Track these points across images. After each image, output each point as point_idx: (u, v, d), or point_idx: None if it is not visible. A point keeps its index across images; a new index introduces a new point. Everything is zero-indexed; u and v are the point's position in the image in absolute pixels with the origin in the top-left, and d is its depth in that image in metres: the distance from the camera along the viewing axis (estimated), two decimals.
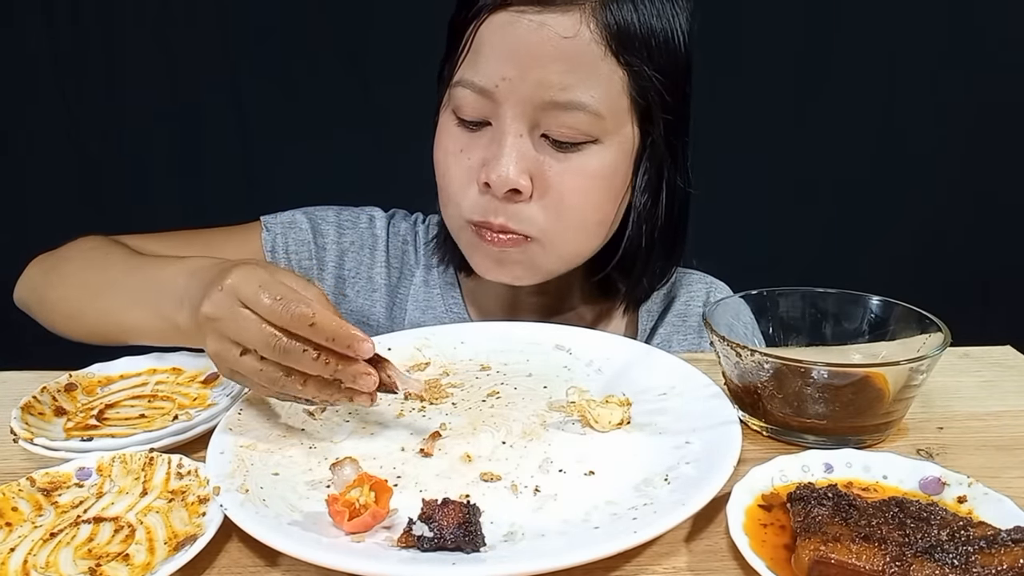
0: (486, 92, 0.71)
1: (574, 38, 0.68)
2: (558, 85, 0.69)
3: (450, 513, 0.45)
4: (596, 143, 0.72)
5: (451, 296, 0.89)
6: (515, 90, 0.69)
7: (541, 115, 0.70)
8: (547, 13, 0.68)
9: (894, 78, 1.71)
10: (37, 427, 0.60)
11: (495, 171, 0.70)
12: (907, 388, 0.58)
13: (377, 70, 1.62)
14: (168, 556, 0.45)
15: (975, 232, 1.78)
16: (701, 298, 0.91)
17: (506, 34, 0.69)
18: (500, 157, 0.70)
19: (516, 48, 0.69)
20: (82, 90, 1.69)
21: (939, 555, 0.41)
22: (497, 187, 0.71)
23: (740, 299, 0.68)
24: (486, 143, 0.73)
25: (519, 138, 0.71)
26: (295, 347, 0.52)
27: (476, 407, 0.64)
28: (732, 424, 0.56)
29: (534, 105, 0.70)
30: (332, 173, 1.58)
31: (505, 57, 0.69)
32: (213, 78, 1.68)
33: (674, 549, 0.48)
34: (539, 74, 0.69)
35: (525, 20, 0.68)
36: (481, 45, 0.71)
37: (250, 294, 0.53)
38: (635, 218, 0.79)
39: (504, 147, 0.71)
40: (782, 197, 1.72)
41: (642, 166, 0.77)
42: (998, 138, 1.73)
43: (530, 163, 0.71)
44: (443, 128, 0.76)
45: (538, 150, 0.72)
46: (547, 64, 0.69)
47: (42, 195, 1.74)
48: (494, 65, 0.70)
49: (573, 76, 0.69)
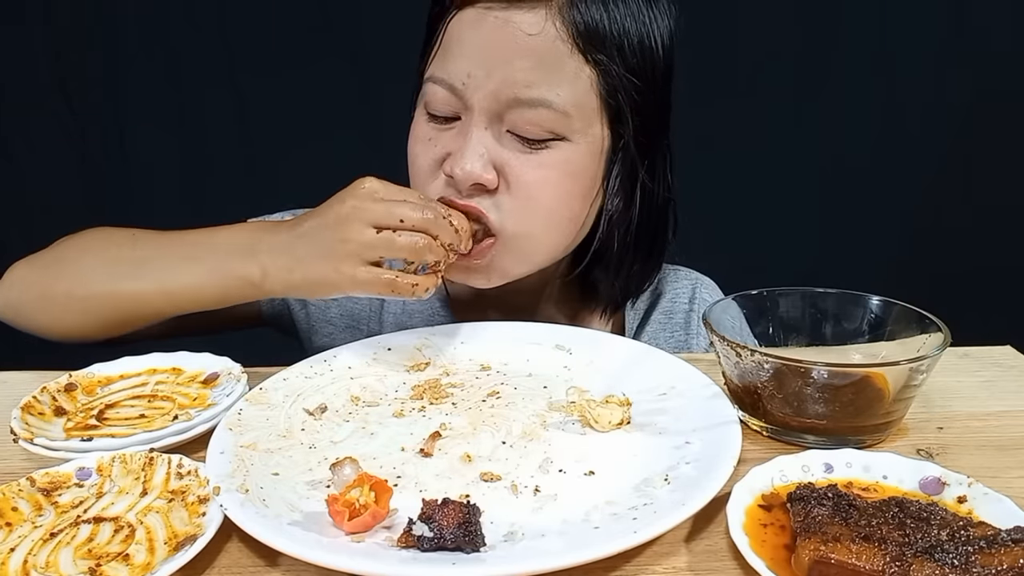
0: (454, 89, 0.71)
1: (539, 35, 0.68)
2: (523, 82, 0.69)
3: (450, 513, 0.45)
4: (564, 140, 0.72)
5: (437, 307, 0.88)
6: (481, 87, 0.70)
7: (507, 111, 0.70)
8: (513, 10, 0.68)
9: (895, 78, 1.71)
10: (37, 427, 0.60)
11: (459, 164, 0.70)
12: (907, 388, 0.58)
13: (378, 69, 1.62)
14: (168, 556, 0.45)
15: (975, 232, 1.78)
16: (687, 294, 0.90)
17: (473, 31, 0.70)
18: (464, 150, 0.70)
19: (482, 45, 0.69)
20: (84, 89, 1.69)
21: (939, 555, 0.41)
22: (461, 181, 0.70)
23: (731, 300, 0.68)
24: (453, 136, 0.73)
25: (483, 132, 0.71)
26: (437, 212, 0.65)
27: (476, 407, 0.64)
28: (732, 424, 0.56)
29: (500, 101, 0.70)
30: (332, 173, 1.58)
31: (471, 54, 0.70)
32: (213, 77, 1.68)
33: (674, 549, 0.48)
34: (504, 71, 0.69)
35: (491, 17, 0.69)
36: (450, 41, 0.72)
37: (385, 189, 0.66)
38: (606, 219, 0.78)
39: (469, 141, 0.70)
40: (782, 197, 1.72)
41: (614, 168, 0.76)
42: (998, 138, 1.74)
43: (495, 157, 0.71)
44: (416, 121, 0.77)
45: (503, 146, 0.71)
46: (512, 61, 0.69)
47: (42, 194, 1.74)
48: (461, 62, 0.70)
49: (538, 73, 0.69)
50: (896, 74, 1.70)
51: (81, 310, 0.75)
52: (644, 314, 0.89)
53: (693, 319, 0.89)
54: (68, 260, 0.78)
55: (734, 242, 1.70)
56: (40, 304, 0.78)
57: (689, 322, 0.89)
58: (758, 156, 1.70)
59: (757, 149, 1.70)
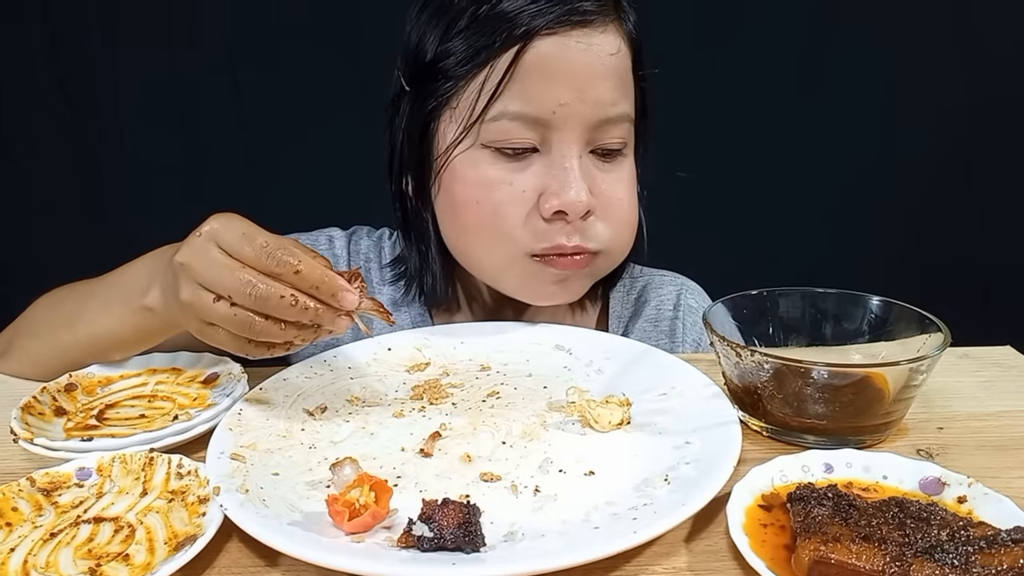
0: (540, 120, 0.70)
1: (617, 54, 0.71)
2: (610, 101, 0.71)
3: (450, 513, 0.45)
4: (625, 148, 0.75)
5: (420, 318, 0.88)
6: (574, 113, 0.69)
7: (595, 133, 0.71)
8: (592, 34, 0.69)
9: (895, 77, 1.71)
10: (37, 427, 0.60)
11: (566, 196, 0.69)
12: (907, 388, 0.58)
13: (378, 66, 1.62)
14: (168, 556, 0.45)
15: (975, 232, 1.78)
16: (671, 301, 0.90)
17: (557, 60, 0.69)
18: (570, 183, 0.69)
19: (570, 71, 0.69)
20: (84, 89, 1.69)
21: (939, 555, 0.41)
22: (574, 212, 0.70)
23: (720, 304, 0.67)
24: (539, 170, 0.71)
25: (579, 160, 0.71)
26: (272, 293, 0.53)
27: (476, 407, 0.64)
28: (732, 424, 0.56)
29: (590, 125, 0.71)
30: (332, 172, 1.58)
31: (560, 82, 0.69)
32: (213, 77, 1.68)
33: (674, 549, 0.48)
34: (595, 94, 0.70)
35: (573, 43, 0.69)
36: (525, 75, 0.69)
37: (232, 240, 0.54)
38: None
39: (570, 172, 0.70)
40: (782, 197, 1.72)
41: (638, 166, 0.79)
42: (999, 138, 1.73)
43: (589, 181, 0.72)
44: (474, 163, 0.72)
45: (590, 167, 0.73)
46: (600, 83, 0.70)
47: (42, 194, 1.74)
48: (550, 91, 0.69)
49: (619, 90, 0.72)
50: (896, 73, 1.70)
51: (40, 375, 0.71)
52: (628, 322, 0.89)
53: (678, 326, 0.89)
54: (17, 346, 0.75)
55: (734, 242, 1.70)
56: None
57: (674, 329, 0.89)
58: (758, 156, 1.70)
59: (757, 149, 1.70)
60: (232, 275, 0.54)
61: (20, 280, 0.81)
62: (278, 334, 0.55)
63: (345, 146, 1.60)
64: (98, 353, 0.69)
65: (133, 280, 0.67)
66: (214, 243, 0.55)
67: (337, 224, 0.93)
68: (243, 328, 0.55)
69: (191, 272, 0.56)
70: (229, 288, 0.54)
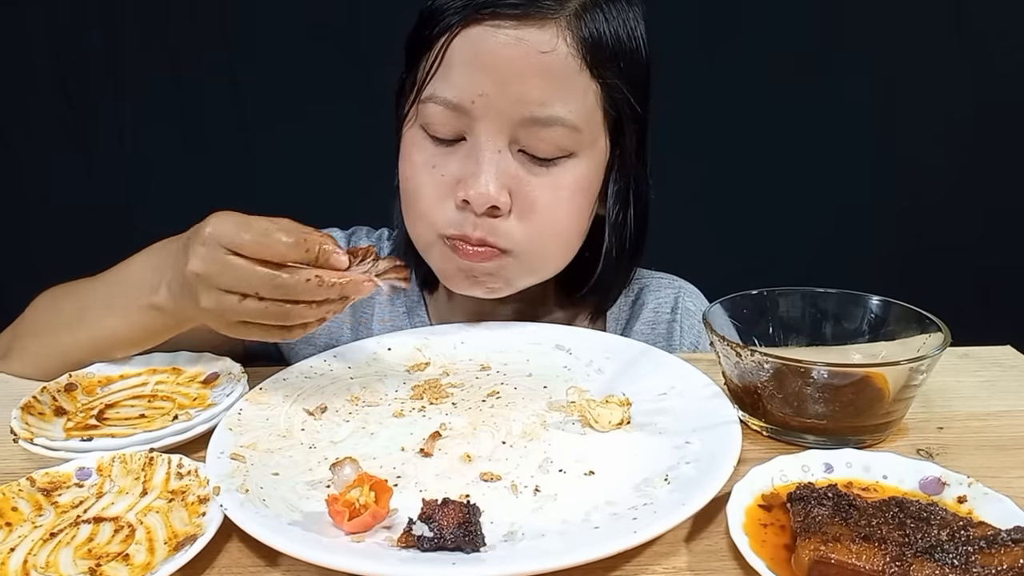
0: (461, 108, 0.69)
1: (552, 52, 0.67)
2: (537, 101, 0.68)
3: (450, 513, 0.45)
4: (572, 157, 0.72)
5: (417, 315, 0.88)
6: (492, 106, 0.68)
7: (519, 131, 0.69)
8: (524, 27, 0.67)
9: (895, 77, 1.71)
10: (37, 427, 0.60)
11: (474, 188, 0.69)
12: (907, 388, 0.58)
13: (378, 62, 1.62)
14: (168, 556, 0.45)
15: (975, 232, 1.78)
16: (669, 304, 0.90)
17: (482, 49, 0.67)
18: (479, 175, 0.69)
19: (493, 63, 0.67)
20: (84, 89, 1.69)
21: (939, 555, 0.41)
22: (477, 204, 0.69)
23: (718, 305, 0.67)
24: (461, 159, 0.71)
25: (497, 154, 0.69)
26: (297, 279, 0.56)
27: (476, 407, 0.64)
28: (732, 424, 0.56)
29: (512, 121, 0.69)
30: (332, 171, 1.58)
31: (482, 72, 0.68)
32: (213, 76, 1.68)
33: (674, 549, 0.48)
34: (518, 90, 0.67)
35: (502, 35, 0.67)
36: (454, 60, 0.69)
37: (233, 236, 0.56)
38: (609, 230, 0.79)
39: (482, 164, 0.69)
40: (782, 197, 1.72)
41: (612, 177, 0.77)
42: (999, 138, 1.73)
43: (508, 179, 0.70)
44: (412, 142, 0.74)
45: (516, 166, 0.71)
46: (526, 80, 0.67)
47: (42, 194, 1.74)
48: (471, 80, 0.68)
49: (551, 91, 0.68)
50: (896, 73, 1.70)
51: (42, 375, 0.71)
52: (626, 324, 0.89)
53: (676, 329, 0.88)
54: (16, 347, 0.75)
55: (734, 243, 1.70)
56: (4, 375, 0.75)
57: (672, 332, 0.88)
58: (758, 156, 1.70)
59: (757, 149, 1.70)
60: (253, 273, 0.56)
61: (20, 280, 0.81)
62: (311, 313, 0.58)
63: (345, 145, 1.60)
64: (100, 352, 0.69)
65: (136, 278, 0.67)
66: (219, 245, 0.56)
67: (337, 224, 0.93)
68: (278, 318, 0.57)
69: (209, 280, 0.57)
70: (255, 286, 0.56)
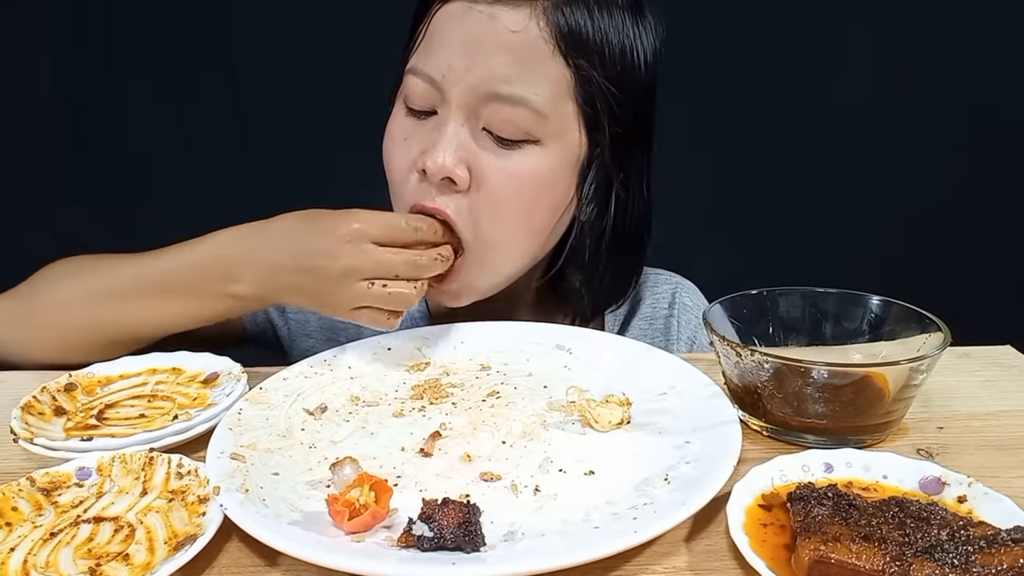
0: (433, 81, 0.70)
1: (522, 32, 0.68)
2: (502, 78, 0.69)
3: (450, 513, 0.45)
4: (537, 144, 0.71)
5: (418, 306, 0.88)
6: (459, 80, 0.69)
7: (483, 107, 0.70)
8: (498, 6, 0.69)
9: (896, 78, 1.71)
10: (37, 427, 0.60)
11: (431, 158, 0.69)
12: (907, 388, 0.58)
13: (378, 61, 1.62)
14: (168, 556, 0.45)
15: (976, 232, 1.78)
16: (666, 300, 0.89)
17: (456, 24, 0.70)
18: (438, 145, 0.70)
19: (464, 38, 0.69)
20: (84, 88, 1.69)
21: (939, 555, 0.41)
22: (433, 174, 0.70)
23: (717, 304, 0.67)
24: (428, 131, 0.72)
25: (459, 127, 0.70)
26: (429, 257, 0.67)
27: (476, 407, 0.64)
28: (732, 424, 0.56)
29: (477, 96, 0.69)
30: (332, 171, 1.58)
31: (453, 46, 0.70)
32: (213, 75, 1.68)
33: (674, 549, 0.48)
34: (484, 65, 0.69)
35: (476, 11, 0.69)
36: (433, 34, 0.72)
37: (382, 230, 0.66)
38: (579, 229, 0.78)
39: (443, 135, 0.70)
40: (782, 197, 1.72)
41: (589, 176, 0.76)
42: (999, 138, 1.74)
43: (468, 154, 0.70)
44: (393, 116, 0.76)
45: (478, 143, 0.71)
46: (493, 56, 0.69)
47: (43, 193, 1.74)
48: (442, 54, 0.70)
49: (518, 70, 0.69)
50: (896, 73, 1.70)
51: (62, 340, 0.73)
52: (624, 320, 0.89)
53: (673, 324, 0.88)
54: (45, 292, 0.76)
55: (734, 242, 1.70)
56: (18, 336, 0.76)
57: (669, 328, 0.88)
58: (758, 156, 1.70)
59: (757, 149, 1.70)
60: (398, 257, 0.66)
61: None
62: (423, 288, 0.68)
63: (345, 145, 1.60)
64: (152, 331, 0.73)
65: (202, 268, 0.70)
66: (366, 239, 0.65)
67: None
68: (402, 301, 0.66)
69: (360, 273, 0.65)
70: (398, 269, 0.65)
